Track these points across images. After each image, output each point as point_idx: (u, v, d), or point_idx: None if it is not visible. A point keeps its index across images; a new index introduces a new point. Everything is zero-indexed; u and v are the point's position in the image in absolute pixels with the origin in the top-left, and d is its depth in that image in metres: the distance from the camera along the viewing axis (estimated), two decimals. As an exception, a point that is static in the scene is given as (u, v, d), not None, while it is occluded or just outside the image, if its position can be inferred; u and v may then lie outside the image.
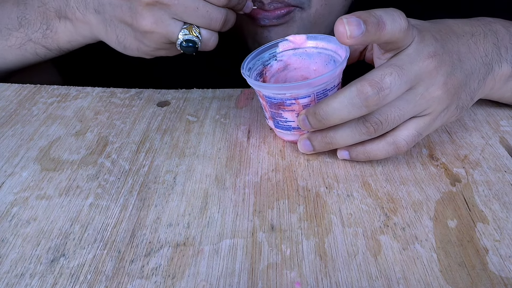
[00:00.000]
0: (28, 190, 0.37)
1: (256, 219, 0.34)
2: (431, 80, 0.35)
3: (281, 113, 0.38)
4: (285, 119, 0.39)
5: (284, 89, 0.37)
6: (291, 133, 0.40)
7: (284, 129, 0.40)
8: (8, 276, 0.30)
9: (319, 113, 0.35)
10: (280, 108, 0.38)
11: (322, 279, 0.30)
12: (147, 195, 0.37)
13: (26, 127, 0.45)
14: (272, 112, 0.39)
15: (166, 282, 0.30)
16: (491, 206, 0.35)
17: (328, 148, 0.38)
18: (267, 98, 0.38)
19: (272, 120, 0.40)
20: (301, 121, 0.37)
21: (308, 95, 0.36)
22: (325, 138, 0.37)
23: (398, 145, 0.36)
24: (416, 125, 0.36)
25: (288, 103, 0.37)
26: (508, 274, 0.30)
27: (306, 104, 0.37)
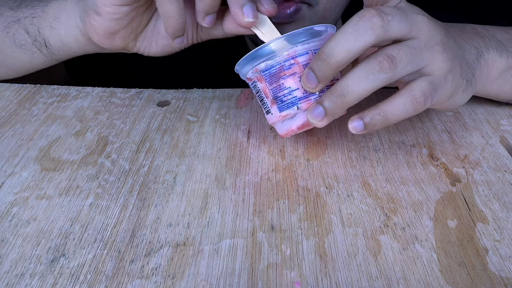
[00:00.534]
0: (28, 190, 0.37)
1: (256, 219, 0.34)
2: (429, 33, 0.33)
3: (282, 83, 0.35)
4: (289, 89, 0.35)
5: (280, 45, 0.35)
6: (298, 110, 0.36)
7: (290, 105, 0.36)
8: (8, 276, 0.30)
9: (323, 51, 0.32)
10: (280, 76, 0.35)
11: (322, 279, 0.30)
12: (147, 195, 0.37)
13: (26, 127, 0.45)
14: (274, 90, 0.36)
15: (166, 282, 0.30)
16: (491, 206, 0.35)
17: (343, 106, 0.33)
18: (265, 72, 0.36)
19: (275, 104, 0.37)
20: (304, 77, 0.34)
21: (306, 51, 0.35)
22: (336, 90, 0.32)
23: (415, 96, 0.33)
24: (428, 78, 0.34)
25: (287, 65, 0.35)
26: (508, 274, 0.30)
27: (306, 64, 0.35)
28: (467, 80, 0.37)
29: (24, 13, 0.46)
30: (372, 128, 0.33)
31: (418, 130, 0.44)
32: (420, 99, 0.33)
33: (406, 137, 0.43)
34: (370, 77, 0.31)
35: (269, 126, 0.45)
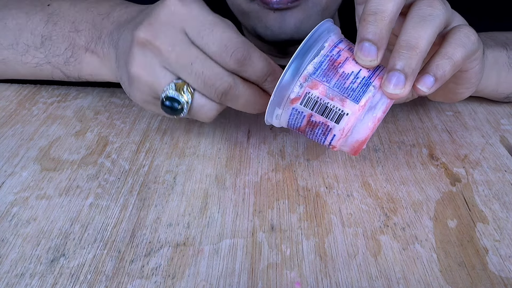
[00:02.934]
0: (28, 190, 0.37)
1: (256, 219, 0.34)
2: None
3: (343, 71, 0.31)
4: (353, 73, 0.31)
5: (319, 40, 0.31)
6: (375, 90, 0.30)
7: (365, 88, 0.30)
8: (8, 276, 0.30)
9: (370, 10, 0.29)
10: (336, 67, 0.31)
11: (322, 279, 0.30)
12: (147, 195, 0.37)
13: (26, 127, 0.45)
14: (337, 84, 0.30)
15: (166, 282, 0.30)
16: (491, 206, 0.35)
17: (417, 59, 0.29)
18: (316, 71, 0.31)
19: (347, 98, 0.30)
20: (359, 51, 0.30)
21: (340, 40, 0.32)
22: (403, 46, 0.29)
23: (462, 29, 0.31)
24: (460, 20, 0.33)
25: (335, 54, 0.31)
26: (508, 274, 0.30)
27: (349, 48, 0.32)
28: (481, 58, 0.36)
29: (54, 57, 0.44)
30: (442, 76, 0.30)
31: (418, 130, 0.44)
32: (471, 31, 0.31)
33: (406, 137, 0.43)
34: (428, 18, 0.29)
35: (269, 126, 0.45)
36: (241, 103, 0.33)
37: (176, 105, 0.33)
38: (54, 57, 0.44)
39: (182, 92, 0.33)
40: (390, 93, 0.30)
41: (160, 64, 0.33)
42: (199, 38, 0.31)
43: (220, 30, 0.31)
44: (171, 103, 0.33)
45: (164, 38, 0.32)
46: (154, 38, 0.32)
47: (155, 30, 0.32)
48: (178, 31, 0.32)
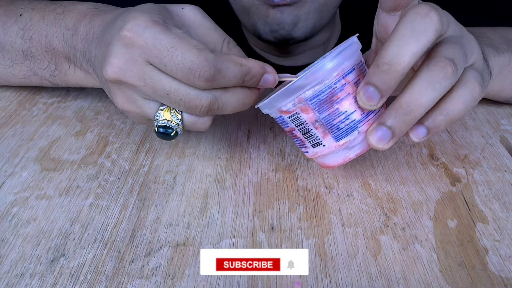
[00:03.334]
0: (28, 190, 0.37)
1: (256, 219, 0.34)
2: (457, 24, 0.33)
3: (337, 108, 0.31)
4: (345, 113, 0.31)
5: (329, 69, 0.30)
6: (358, 135, 0.32)
7: (349, 132, 0.32)
8: (8, 276, 0.30)
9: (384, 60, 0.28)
10: (333, 101, 0.31)
11: (322, 279, 0.30)
12: (147, 195, 0.37)
13: (26, 127, 0.45)
14: (326, 119, 0.31)
15: (166, 282, 0.30)
16: (491, 206, 0.35)
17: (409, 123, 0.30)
18: (313, 100, 0.31)
19: (330, 133, 0.32)
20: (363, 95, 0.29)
21: (353, 67, 0.31)
22: (401, 108, 0.29)
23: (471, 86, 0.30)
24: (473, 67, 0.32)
25: (339, 87, 0.30)
26: (508, 274, 0.30)
27: (356, 81, 0.31)
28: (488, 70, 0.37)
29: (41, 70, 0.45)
30: (436, 130, 0.31)
31: (418, 130, 0.44)
32: (477, 88, 0.31)
33: (406, 137, 0.43)
34: (436, 86, 0.29)
35: (269, 126, 0.45)
36: (229, 109, 0.33)
37: (169, 131, 0.34)
38: (40, 70, 0.45)
39: (171, 116, 0.33)
40: (372, 144, 0.31)
41: (140, 96, 0.33)
42: (163, 66, 0.30)
43: (180, 54, 0.30)
44: (164, 129, 0.33)
45: (132, 74, 0.31)
46: (123, 77, 0.31)
47: (121, 68, 0.31)
48: (142, 64, 0.31)
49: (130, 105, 0.34)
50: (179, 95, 0.31)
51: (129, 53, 0.31)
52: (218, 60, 0.30)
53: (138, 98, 0.33)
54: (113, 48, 0.31)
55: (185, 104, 0.32)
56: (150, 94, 0.32)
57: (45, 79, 0.45)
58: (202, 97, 0.31)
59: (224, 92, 0.32)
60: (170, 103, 0.32)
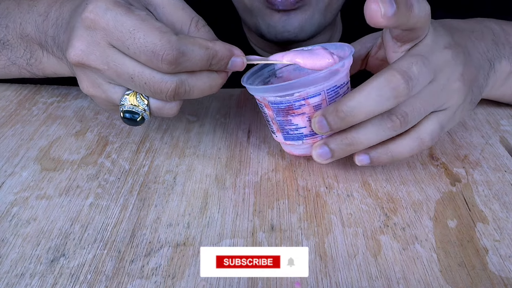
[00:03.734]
0: (28, 190, 0.37)
1: (256, 219, 0.34)
2: (450, 70, 0.34)
3: (290, 119, 0.35)
4: (296, 126, 0.35)
5: (291, 88, 0.33)
6: (302, 144, 0.36)
7: (295, 139, 0.36)
8: (8, 276, 0.30)
9: (342, 109, 0.31)
10: (288, 113, 0.34)
11: (322, 279, 0.30)
12: (147, 195, 0.37)
13: (26, 127, 0.45)
14: (280, 122, 0.35)
15: (166, 282, 0.30)
16: (491, 206, 0.35)
17: (349, 152, 0.34)
18: (273, 104, 0.34)
19: (280, 132, 0.36)
20: (317, 124, 0.33)
21: (318, 93, 0.33)
22: (345, 139, 0.33)
23: (423, 140, 0.34)
24: (437, 118, 0.34)
25: (297, 105, 0.34)
26: (508, 274, 0.30)
27: (317, 105, 0.34)
28: (473, 103, 0.38)
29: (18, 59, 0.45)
30: (377, 164, 0.34)
31: (418, 130, 0.44)
32: (428, 142, 0.34)
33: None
34: (380, 133, 0.32)
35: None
36: (197, 93, 0.33)
37: (136, 116, 0.33)
38: (17, 59, 0.44)
39: (137, 101, 0.33)
40: (314, 157, 0.35)
41: (105, 80, 0.32)
42: (126, 49, 0.30)
43: (142, 36, 0.29)
44: (131, 115, 0.33)
45: (95, 57, 0.31)
46: (86, 60, 0.31)
47: (83, 51, 0.31)
48: (105, 46, 0.30)
49: (95, 90, 0.33)
50: (144, 79, 0.31)
51: (91, 35, 0.30)
52: (181, 43, 0.30)
53: (103, 82, 0.32)
54: (76, 31, 0.31)
55: (150, 88, 0.31)
56: (114, 78, 0.32)
57: (23, 68, 0.45)
58: (167, 81, 0.31)
59: (190, 75, 0.32)
60: (135, 87, 0.32)
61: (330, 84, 0.33)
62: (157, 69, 0.30)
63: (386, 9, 0.28)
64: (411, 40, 0.33)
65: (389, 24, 0.28)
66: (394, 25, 0.29)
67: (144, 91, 0.32)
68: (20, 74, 0.46)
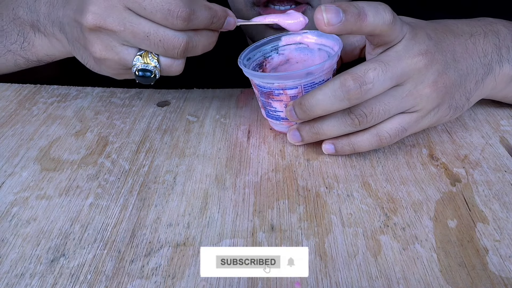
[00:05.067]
0: (28, 190, 0.37)
1: (256, 219, 0.34)
2: (420, 78, 0.35)
3: (270, 102, 0.40)
4: (275, 108, 0.40)
5: (271, 78, 0.38)
6: (280, 123, 0.41)
7: (274, 118, 0.41)
8: (8, 276, 0.30)
9: (304, 103, 0.36)
10: (269, 97, 0.39)
11: (322, 279, 0.30)
12: (147, 195, 0.37)
13: (26, 127, 0.45)
14: (263, 101, 0.41)
15: (166, 282, 0.30)
16: (491, 206, 0.35)
17: (316, 139, 0.39)
18: (258, 87, 0.39)
19: (264, 109, 0.42)
20: (288, 112, 0.38)
21: (296, 86, 0.38)
22: (313, 128, 0.38)
23: (381, 137, 0.37)
24: (401, 120, 0.36)
25: (276, 93, 0.38)
26: (508, 274, 0.30)
27: (294, 96, 0.38)
28: (455, 108, 0.39)
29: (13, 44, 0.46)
30: (341, 153, 0.39)
31: (418, 130, 0.44)
32: (385, 140, 0.37)
33: (406, 137, 0.43)
34: (341, 127, 0.37)
35: (269, 126, 0.45)
36: (200, 49, 0.37)
37: (148, 74, 0.36)
38: (11, 45, 0.46)
39: (149, 60, 0.36)
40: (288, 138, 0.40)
41: (119, 42, 0.35)
42: (142, 10, 0.33)
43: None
44: (143, 73, 0.36)
45: (112, 19, 0.33)
46: (103, 22, 0.34)
47: (100, 14, 0.33)
48: (121, 9, 0.33)
49: (108, 52, 0.36)
50: (158, 36, 0.34)
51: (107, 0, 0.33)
52: (192, 2, 0.34)
53: (117, 44, 0.35)
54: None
55: (164, 45, 0.34)
56: (130, 39, 0.34)
57: (17, 55, 0.46)
58: (179, 37, 0.34)
59: (195, 33, 0.36)
60: (150, 45, 0.35)
61: (307, 80, 0.37)
62: (171, 26, 0.34)
63: (330, 18, 0.31)
64: (381, 45, 0.35)
65: (335, 31, 0.32)
66: (342, 32, 0.32)
67: (158, 48, 0.35)
68: (15, 62, 0.47)
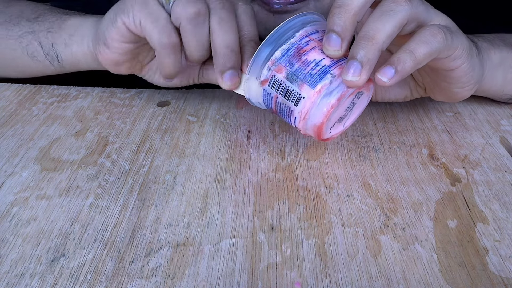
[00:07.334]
0: (28, 190, 0.37)
1: (256, 219, 0.34)
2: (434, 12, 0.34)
3: (306, 58, 0.34)
4: (314, 61, 0.33)
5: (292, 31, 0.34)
6: (332, 78, 0.33)
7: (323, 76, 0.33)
8: (8, 276, 0.30)
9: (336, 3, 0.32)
10: (300, 54, 0.34)
11: (322, 279, 0.30)
12: (147, 195, 0.37)
13: (26, 127, 0.45)
14: (298, 70, 0.33)
15: (166, 282, 0.30)
16: (491, 206, 0.35)
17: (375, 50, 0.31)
18: (282, 57, 0.34)
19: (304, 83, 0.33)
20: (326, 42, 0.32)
21: (316, 30, 0.35)
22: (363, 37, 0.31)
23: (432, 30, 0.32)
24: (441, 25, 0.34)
25: (304, 43, 0.34)
26: (508, 274, 0.30)
27: (321, 39, 0.34)
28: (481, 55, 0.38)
29: (41, 26, 0.47)
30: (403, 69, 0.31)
31: (418, 130, 0.44)
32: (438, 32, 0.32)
33: (406, 137, 0.43)
34: (390, 13, 0.31)
35: (269, 126, 0.45)
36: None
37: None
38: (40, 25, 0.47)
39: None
40: (347, 81, 0.32)
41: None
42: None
43: None
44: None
45: None
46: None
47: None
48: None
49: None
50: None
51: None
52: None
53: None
54: None
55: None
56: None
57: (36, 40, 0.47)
58: None
59: None
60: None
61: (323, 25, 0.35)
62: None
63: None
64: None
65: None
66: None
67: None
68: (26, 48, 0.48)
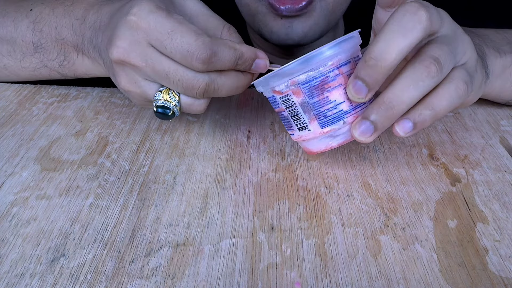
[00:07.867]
0: (28, 190, 0.37)
1: (256, 219, 0.34)
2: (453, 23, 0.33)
3: (327, 96, 0.32)
4: (334, 102, 0.32)
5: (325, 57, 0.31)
6: (343, 124, 0.33)
7: (335, 120, 0.33)
8: (8, 276, 0.30)
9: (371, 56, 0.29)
10: (324, 89, 0.32)
11: (322, 279, 0.30)
12: (147, 195, 0.37)
13: (26, 127, 0.45)
14: (315, 104, 0.33)
15: (166, 282, 0.30)
16: (491, 206, 0.35)
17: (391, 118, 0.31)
18: (305, 84, 0.32)
19: (315, 119, 0.33)
20: (352, 87, 0.31)
21: (348, 60, 0.32)
22: (384, 102, 0.30)
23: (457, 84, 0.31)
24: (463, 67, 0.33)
25: (332, 76, 0.32)
26: (508, 274, 0.30)
27: (349, 74, 0.32)
28: (485, 71, 0.38)
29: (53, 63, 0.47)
30: (421, 125, 0.31)
31: (418, 130, 0.44)
32: (461, 86, 0.31)
33: (406, 137, 0.43)
34: (419, 84, 0.30)
35: (269, 126, 0.45)
36: (224, 92, 0.35)
37: (167, 111, 0.36)
38: (49, 61, 0.46)
39: (169, 97, 0.36)
40: (356, 137, 0.32)
41: (142, 77, 0.35)
42: (163, 48, 0.33)
43: (179, 36, 0.32)
44: (163, 110, 0.36)
45: (135, 55, 0.34)
46: (127, 57, 0.34)
47: (125, 49, 0.34)
48: (145, 45, 0.33)
49: (132, 86, 0.36)
50: (178, 75, 0.33)
51: (133, 35, 0.33)
52: (214, 44, 0.32)
53: (140, 79, 0.35)
54: (119, 31, 0.34)
55: (183, 85, 0.34)
56: (151, 75, 0.34)
57: (54, 71, 0.47)
58: (199, 79, 0.33)
59: (219, 75, 0.34)
60: (169, 83, 0.34)
61: (354, 53, 0.33)
62: (190, 67, 0.33)
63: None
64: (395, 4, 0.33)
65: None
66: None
67: (177, 87, 0.34)
68: (50, 75, 0.48)
